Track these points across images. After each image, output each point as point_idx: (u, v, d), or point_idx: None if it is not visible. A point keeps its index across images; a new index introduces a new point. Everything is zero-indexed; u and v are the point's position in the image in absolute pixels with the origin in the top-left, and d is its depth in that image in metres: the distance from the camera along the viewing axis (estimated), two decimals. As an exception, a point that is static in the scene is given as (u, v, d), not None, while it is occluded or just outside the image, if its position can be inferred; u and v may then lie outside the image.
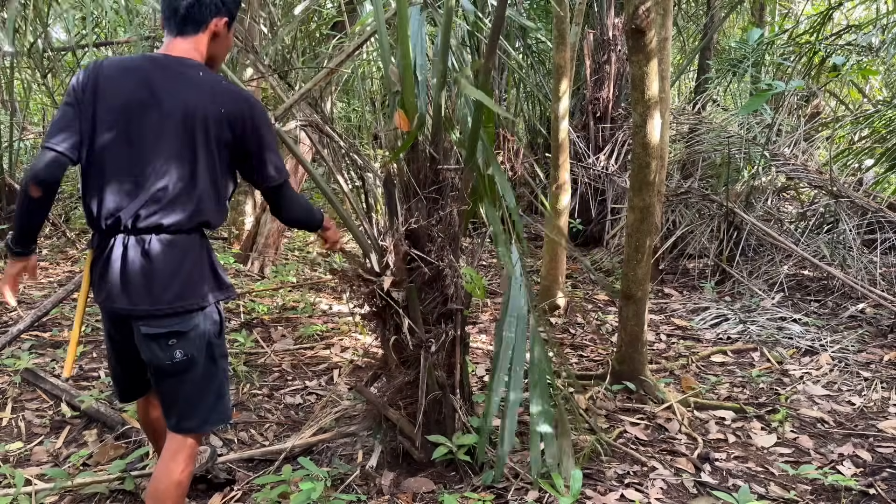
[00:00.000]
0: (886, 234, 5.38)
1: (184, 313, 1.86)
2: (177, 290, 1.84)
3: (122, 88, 1.83)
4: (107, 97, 1.82)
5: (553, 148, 4.84)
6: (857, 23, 8.95)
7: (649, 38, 3.04)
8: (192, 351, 1.89)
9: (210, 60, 1.96)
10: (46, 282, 5.27)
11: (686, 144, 6.83)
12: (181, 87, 1.83)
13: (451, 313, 2.60)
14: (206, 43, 1.92)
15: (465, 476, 2.59)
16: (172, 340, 1.86)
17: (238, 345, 4.09)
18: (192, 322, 1.88)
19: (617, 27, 7.21)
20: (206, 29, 1.90)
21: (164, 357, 1.87)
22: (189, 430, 1.96)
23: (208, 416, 1.98)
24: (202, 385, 1.95)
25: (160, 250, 1.83)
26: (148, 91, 1.82)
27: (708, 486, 2.61)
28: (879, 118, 6.72)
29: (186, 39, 1.89)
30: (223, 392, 2.01)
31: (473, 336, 4.42)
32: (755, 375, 3.84)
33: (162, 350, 1.87)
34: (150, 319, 1.84)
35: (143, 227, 1.82)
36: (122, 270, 1.83)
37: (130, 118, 1.82)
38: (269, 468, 2.66)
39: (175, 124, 1.82)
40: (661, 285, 5.89)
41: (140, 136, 1.82)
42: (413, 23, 2.48)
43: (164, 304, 1.83)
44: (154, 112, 1.82)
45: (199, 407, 1.96)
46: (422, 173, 2.47)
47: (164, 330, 1.85)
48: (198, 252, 1.91)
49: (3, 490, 2.44)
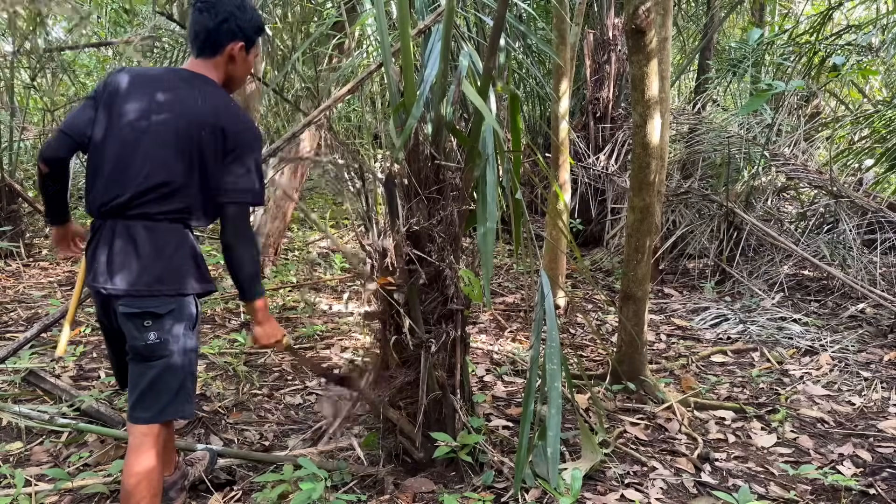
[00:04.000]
0: (886, 234, 5.38)
1: (161, 296, 1.96)
2: (157, 273, 1.95)
3: (142, 92, 2.00)
4: (127, 97, 1.99)
5: (553, 148, 4.84)
6: (857, 23, 8.95)
7: (649, 38, 3.05)
8: (166, 336, 1.97)
9: (228, 80, 2.14)
10: (46, 282, 5.27)
11: (686, 144, 6.83)
12: (192, 98, 2.00)
13: (452, 313, 2.60)
14: (223, 65, 2.09)
15: (465, 476, 2.59)
16: (148, 321, 1.94)
17: (238, 345, 4.09)
18: (168, 306, 1.96)
19: (617, 27, 7.21)
20: (222, 52, 2.07)
21: (139, 338, 1.96)
22: (142, 420, 2.00)
23: (165, 407, 2.02)
24: (168, 374, 2.00)
25: (145, 236, 1.96)
26: (164, 97, 1.99)
27: (708, 486, 2.61)
28: (879, 118, 6.72)
29: (206, 61, 2.08)
30: (186, 386, 2.05)
31: (474, 336, 4.42)
32: (755, 375, 3.84)
33: (137, 330, 1.95)
34: (128, 298, 1.94)
35: (134, 214, 1.95)
36: (109, 252, 1.96)
37: (143, 118, 1.97)
38: (269, 468, 2.65)
39: (179, 129, 1.97)
40: (661, 285, 5.89)
41: (147, 134, 1.97)
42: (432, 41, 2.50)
43: (142, 286, 1.94)
44: (164, 115, 1.97)
45: (159, 396, 2.00)
46: (422, 173, 2.47)
47: (138, 310, 1.94)
48: (181, 242, 2.01)
49: (3, 490, 2.44)
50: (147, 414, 2.01)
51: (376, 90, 5.50)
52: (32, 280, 5.27)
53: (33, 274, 5.45)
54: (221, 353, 3.95)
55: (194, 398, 2.13)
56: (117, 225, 1.97)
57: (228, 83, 2.15)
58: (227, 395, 3.40)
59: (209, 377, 3.62)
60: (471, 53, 2.52)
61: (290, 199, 6.20)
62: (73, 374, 3.53)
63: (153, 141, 1.96)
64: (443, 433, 2.59)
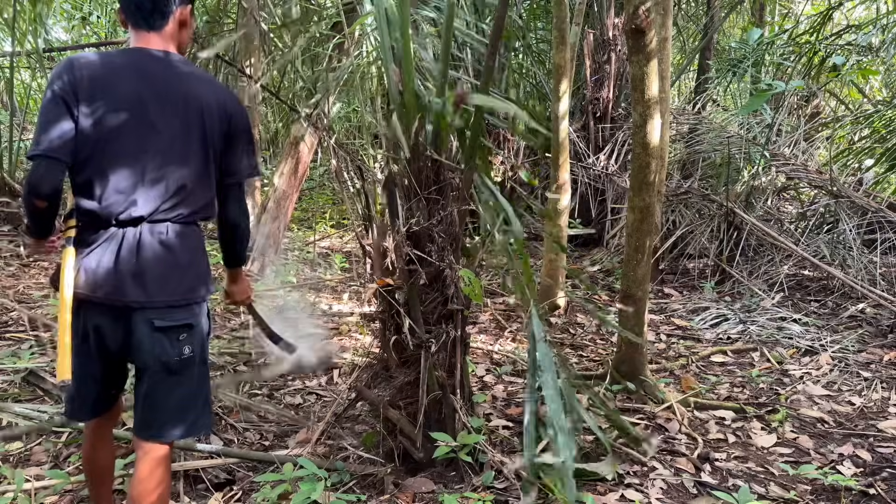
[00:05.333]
0: (886, 234, 5.38)
1: (194, 304, 1.84)
2: (191, 281, 1.83)
3: (119, 84, 1.76)
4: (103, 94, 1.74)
5: (553, 148, 4.84)
6: (857, 23, 8.95)
7: (649, 38, 3.05)
8: (196, 347, 1.86)
9: (179, 48, 1.92)
10: (46, 281, 5.27)
11: (686, 144, 6.83)
12: (181, 81, 1.81)
13: (452, 314, 2.60)
14: (175, 34, 1.87)
15: (465, 476, 2.59)
16: (183, 335, 1.81)
17: (238, 345, 4.09)
18: (198, 316, 1.86)
19: (617, 27, 7.21)
20: (173, 19, 1.85)
21: (172, 353, 1.80)
22: (174, 438, 1.86)
23: (195, 422, 1.90)
24: (196, 388, 1.89)
25: (177, 241, 1.81)
26: (149, 85, 1.77)
27: (708, 486, 2.61)
28: (879, 118, 6.73)
29: (160, 33, 1.83)
30: (209, 398, 1.95)
31: (474, 336, 4.42)
32: (755, 375, 3.84)
33: (172, 345, 1.80)
34: (166, 311, 1.78)
35: (160, 218, 1.79)
36: (137, 261, 1.76)
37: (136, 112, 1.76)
38: (269, 468, 2.65)
39: (183, 117, 1.79)
40: (661, 285, 5.89)
41: (150, 129, 1.77)
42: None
43: (180, 296, 1.80)
44: (160, 105, 1.77)
45: (188, 411, 1.88)
46: (422, 174, 2.47)
47: (177, 323, 1.79)
48: (201, 243, 1.91)
49: (3, 488, 2.44)
50: (178, 430, 1.86)
51: (376, 90, 5.50)
52: (32, 280, 5.27)
53: (33, 274, 5.45)
54: (221, 353, 3.94)
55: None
56: (141, 231, 1.77)
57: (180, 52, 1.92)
58: (227, 395, 3.40)
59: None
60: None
61: (290, 199, 6.20)
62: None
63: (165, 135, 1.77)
64: (443, 433, 2.59)
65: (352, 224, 6.95)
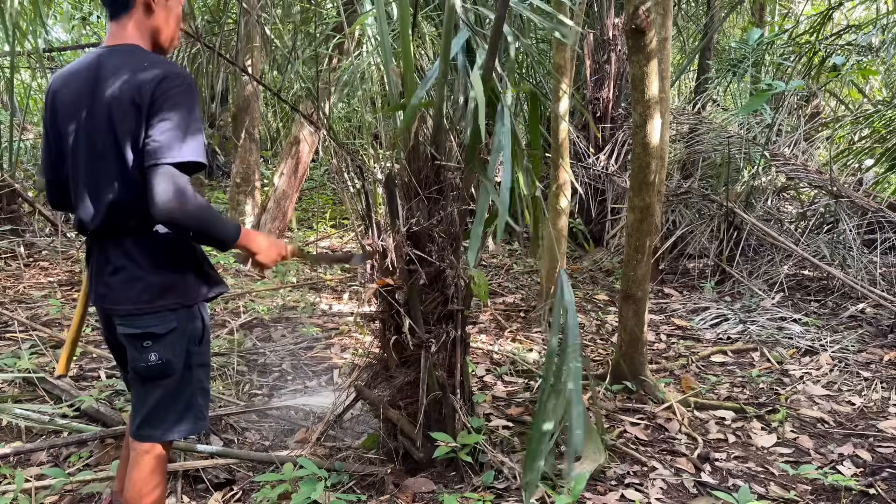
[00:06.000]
0: (886, 234, 5.38)
1: (163, 312, 1.80)
2: (154, 289, 1.79)
3: (70, 96, 1.78)
4: (62, 109, 1.79)
5: (553, 148, 4.84)
6: (857, 23, 8.95)
7: (649, 38, 3.05)
8: (168, 355, 1.82)
9: (155, 37, 1.85)
10: (46, 282, 5.27)
11: (686, 144, 6.83)
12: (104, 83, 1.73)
13: (452, 314, 2.60)
14: (141, 20, 1.81)
15: (465, 476, 2.59)
16: (147, 342, 1.79)
17: (238, 345, 4.09)
18: (169, 325, 1.81)
19: (617, 27, 7.21)
20: (135, 5, 1.80)
21: (139, 359, 1.81)
22: (148, 438, 1.87)
23: (173, 426, 1.88)
24: (173, 395, 1.87)
25: (138, 251, 1.79)
26: (86, 92, 1.76)
27: (708, 486, 2.61)
28: (879, 118, 6.73)
29: (121, 22, 1.81)
30: (194, 404, 1.91)
31: (474, 336, 4.42)
32: (755, 375, 3.84)
33: (137, 351, 1.81)
34: (128, 318, 1.79)
35: (118, 231, 1.78)
36: (104, 270, 1.81)
37: (79, 125, 1.76)
38: (269, 468, 2.66)
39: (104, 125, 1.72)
40: (661, 285, 5.89)
41: (87, 140, 1.76)
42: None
43: (142, 303, 1.78)
44: (89, 113, 1.75)
45: (166, 415, 1.87)
46: (422, 173, 2.47)
47: (138, 331, 1.79)
48: (174, 245, 1.83)
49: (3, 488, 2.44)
50: (156, 432, 1.87)
51: (376, 90, 5.50)
52: (32, 280, 5.27)
53: (33, 274, 5.45)
54: (222, 353, 3.94)
55: (207, 412, 1.98)
56: (107, 243, 1.81)
57: (157, 41, 1.86)
58: (226, 395, 3.40)
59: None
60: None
61: (290, 199, 6.20)
62: (73, 374, 3.53)
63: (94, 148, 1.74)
64: (443, 433, 2.59)
65: (352, 224, 6.95)
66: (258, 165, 6.82)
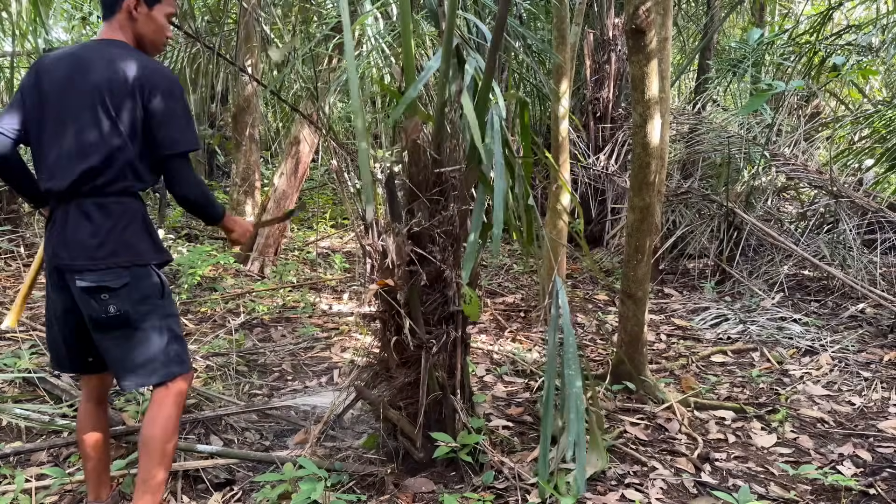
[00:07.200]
0: (886, 234, 5.38)
1: (117, 268, 2.01)
2: (111, 247, 2.01)
3: (54, 75, 2.02)
4: (44, 84, 2.02)
5: (553, 148, 4.84)
6: (857, 23, 8.95)
7: (649, 38, 3.05)
8: (125, 307, 2.02)
9: (139, 40, 2.11)
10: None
11: (686, 144, 6.83)
12: (94, 65, 2.00)
13: (452, 314, 2.60)
14: (126, 25, 2.08)
15: (465, 476, 2.59)
16: (104, 295, 2.00)
17: (238, 345, 4.10)
18: (122, 280, 2.01)
19: (617, 27, 7.21)
20: (120, 10, 2.06)
21: (99, 310, 2.01)
22: (131, 386, 2.10)
23: (153, 372, 2.08)
24: (143, 343, 2.06)
25: (97, 212, 2.01)
26: (72, 73, 2.00)
27: (708, 486, 2.61)
28: (879, 118, 6.72)
29: (111, 23, 2.08)
30: (170, 349, 2.11)
31: (474, 336, 4.43)
32: (755, 375, 3.84)
33: (97, 304, 2.00)
34: (85, 273, 1.99)
35: (81, 193, 2.00)
36: (65, 230, 2.02)
37: (59, 99, 2.00)
38: (269, 468, 2.66)
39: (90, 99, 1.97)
40: (661, 285, 5.90)
41: (67, 114, 2.00)
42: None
43: (99, 259, 1.99)
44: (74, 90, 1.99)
45: (140, 363, 2.06)
46: (423, 174, 2.47)
47: (94, 284, 1.99)
48: (132, 214, 2.06)
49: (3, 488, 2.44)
50: (138, 379, 2.08)
51: (376, 90, 5.50)
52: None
53: (33, 274, 5.44)
54: (222, 353, 3.95)
55: (187, 357, 2.19)
56: (70, 206, 2.02)
57: (141, 45, 2.12)
58: (226, 395, 3.40)
59: (209, 377, 3.62)
60: (476, 59, 2.50)
61: (290, 199, 6.20)
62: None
63: (78, 119, 1.98)
64: (443, 433, 2.59)
65: (352, 224, 6.94)
66: (258, 165, 6.82)
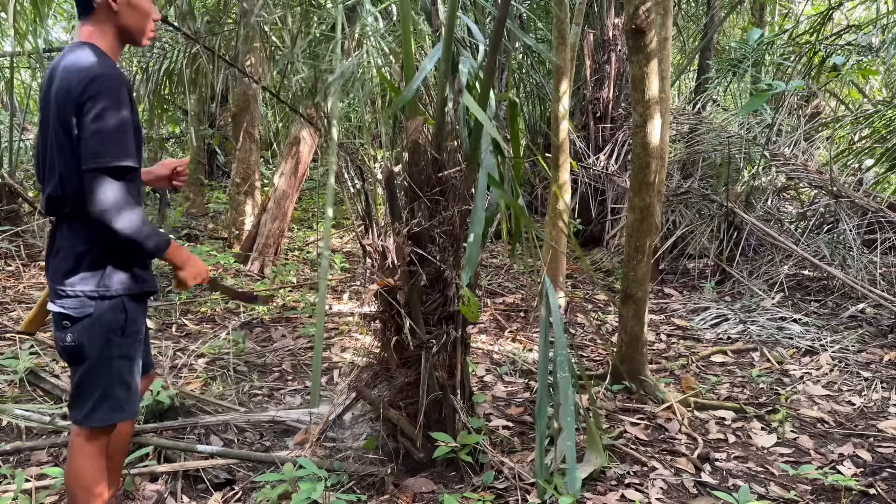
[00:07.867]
0: (886, 234, 5.38)
1: (80, 297, 1.87)
2: (77, 274, 1.87)
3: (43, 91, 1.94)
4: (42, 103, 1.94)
5: (553, 148, 4.84)
6: (857, 23, 8.95)
7: (649, 38, 3.05)
8: (82, 339, 1.88)
9: (125, 33, 1.92)
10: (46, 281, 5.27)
11: (686, 144, 6.83)
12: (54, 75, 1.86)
13: (452, 314, 2.60)
14: (106, 21, 1.88)
15: (465, 476, 2.59)
16: (65, 322, 1.88)
17: (238, 345, 4.09)
18: (85, 310, 1.87)
19: (617, 27, 7.21)
20: (96, 7, 1.86)
21: (59, 338, 1.91)
22: (74, 420, 1.98)
23: (90, 413, 1.93)
24: (89, 379, 1.92)
25: (67, 234, 1.90)
26: (46, 85, 1.91)
27: (708, 486, 2.61)
28: (879, 118, 6.72)
29: (86, 22, 1.90)
30: (111, 395, 1.93)
31: (474, 336, 4.42)
32: (755, 375, 3.84)
33: (59, 331, 1.90)
34: (55, 298, 1.90)
35: (58, 214, 1.91)
36: (51, 251, 1.95)
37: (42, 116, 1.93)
38: (269, 468, 2.66)
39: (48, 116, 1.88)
40: (661, 285, 5.89)
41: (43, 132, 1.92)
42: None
43: (66, 285, 1.87)
44: (43, 106, 1.91)
45: (83, 399, 1.94)
46: (424, 175, 2.47)
47: (58, 310, 1.88)
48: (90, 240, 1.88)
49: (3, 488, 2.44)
50: (77, 415, 1.96)
51: (377, 90, 5.50)
52: (32, 280, 5.27)
53: (33, 274, 5.45)
54: (222, 353, 3.95)
55: (131, 406, 1.99)
56: (55, 223, 1.94)
57: (129, 37, 1.93)
58: (227, 395, 3.40)
59: (209, 377, 3.62)
60: (469, 59, 2.50)
61: (290, 199, 6.19)
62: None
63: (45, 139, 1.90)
64: (443, 433, 2.59)
65: (352, 224, 6.94)
66: (258, 165, 6.82)
